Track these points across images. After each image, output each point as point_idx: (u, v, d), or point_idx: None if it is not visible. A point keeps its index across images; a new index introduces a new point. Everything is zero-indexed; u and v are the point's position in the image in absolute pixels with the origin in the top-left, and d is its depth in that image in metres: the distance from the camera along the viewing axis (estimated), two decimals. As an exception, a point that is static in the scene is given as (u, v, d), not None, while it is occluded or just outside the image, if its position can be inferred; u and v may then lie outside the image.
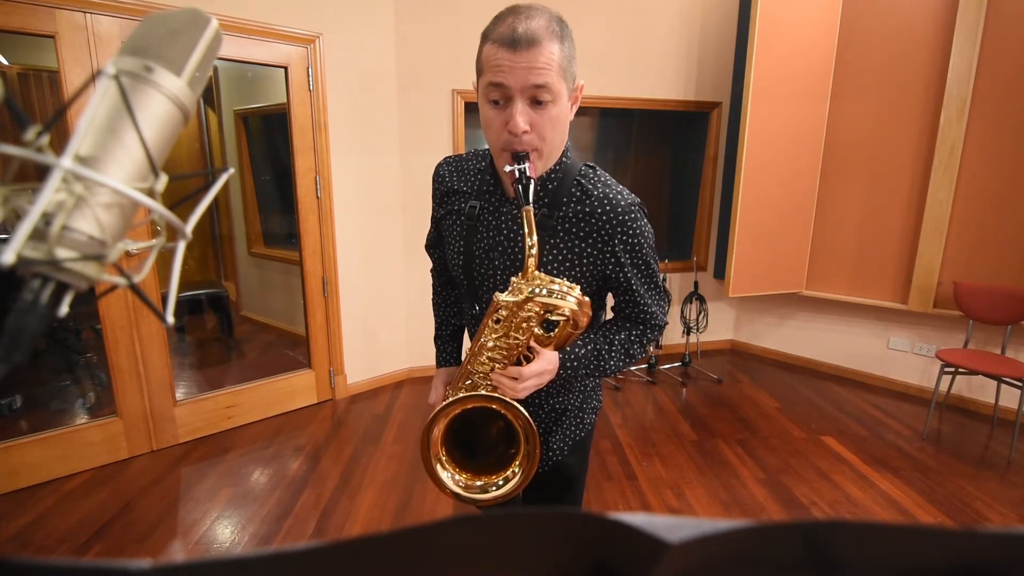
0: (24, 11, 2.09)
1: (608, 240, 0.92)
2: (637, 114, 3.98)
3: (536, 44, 0.78)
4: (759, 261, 3.54)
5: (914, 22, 3.18)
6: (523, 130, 0.82)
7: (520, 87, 0.80)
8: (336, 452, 2.65)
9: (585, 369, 0.98)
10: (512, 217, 0.96)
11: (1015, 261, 2.98)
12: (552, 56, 0.79)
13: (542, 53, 0.78)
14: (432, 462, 0.95)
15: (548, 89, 0.80)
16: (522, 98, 0.81)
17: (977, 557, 0.24)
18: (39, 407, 2.86)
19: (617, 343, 1.00)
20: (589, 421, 1.14)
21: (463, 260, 1.02)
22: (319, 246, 3.08)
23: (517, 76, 0.79)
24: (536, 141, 0.84)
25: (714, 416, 3.09)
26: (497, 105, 0.84)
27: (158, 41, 0.36)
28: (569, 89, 0.85)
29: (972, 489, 2.35)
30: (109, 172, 0.32)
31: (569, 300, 0.82)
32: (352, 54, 3.02)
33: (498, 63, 0.80)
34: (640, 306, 1.00)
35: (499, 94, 0.82)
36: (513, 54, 0.78)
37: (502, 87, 0.81)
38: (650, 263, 0.98)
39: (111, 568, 0.19)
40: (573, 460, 1.15)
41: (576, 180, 0.94)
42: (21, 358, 0.29)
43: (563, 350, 0.95)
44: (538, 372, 0.90)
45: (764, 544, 0.23)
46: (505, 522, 0.22)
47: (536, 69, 0.79)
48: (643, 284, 0.98)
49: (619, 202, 0.91)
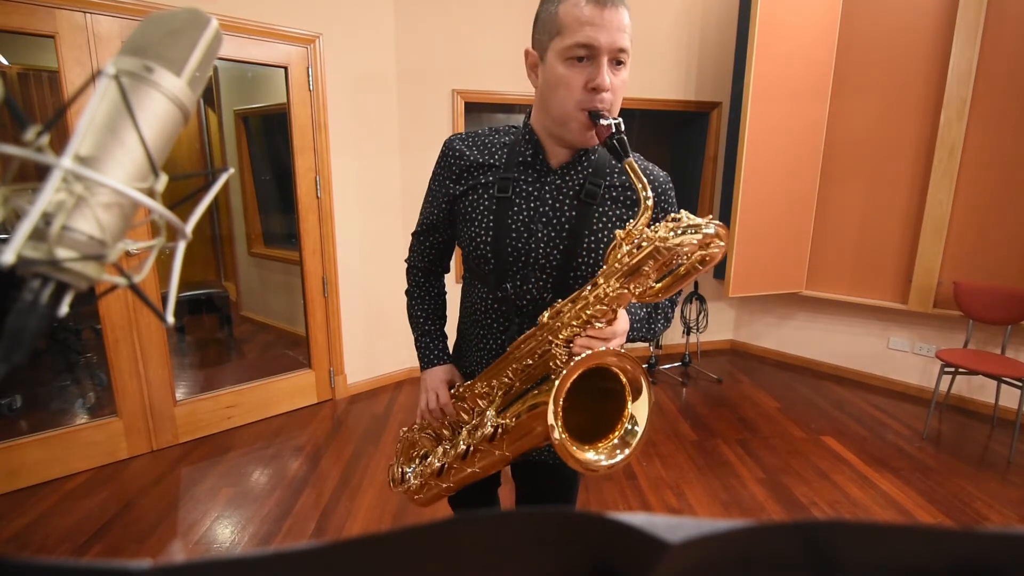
0: (24, 11, 2.09)
1: (655, 210, 0.92)
2: (637, 114, 3.98)
3: (620, 5, 0.81)
4: (759, 261, 3.54)
5: (914, 22, 3.18)
6: (608, 86, 0.83)
7: (609, 46, 0.81)
8: (336, 452, 2.65)
9: (638, 333, 0.97)
10: (556, 187, 0.94)
11: (1015, 261, 2.98)
12: (627, 20, 0.83)
13: (624, 16, 0.82)
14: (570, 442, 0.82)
15: (627, 52, 0.83)
16: (607, 57, 0.82)
17: (977, 557, 0.24)
18: (39, 407, 2.86)
19: (659, 310, 1.02)
20: None
21: (492, 237, 0.96)
22: (319, 246, 3.08)
23: (607, 34, 0.80)
24: (611, 101, 0.85)
25: (714, 416, 3.09)
26: (580, 63, 0.83)
27: (158, 41, 0.36)
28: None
29: (972, 489, 2.35)
30: (109, 172, 0.32)
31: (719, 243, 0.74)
32: (352, 54, 3.02)
33: (589, 20, 0.80)
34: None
35: (586, 52, 0.82)
36: (603, 11, 0.80)
37: (590, 46, 0.81)
38: None
39: (111, 568, 0.19)
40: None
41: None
42: (21, 358, 0.29)
43: (630, 312, 0.92)
44: (615, 333, 0.84)
45: (764, 544, 0.23)
46: (505, 522, 0.22)
47: (622, 30, 0.81)
48: None
49: (659, 174, 0.97)
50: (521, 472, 1.22)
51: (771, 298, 4.03)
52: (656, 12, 3.60)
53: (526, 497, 1.24)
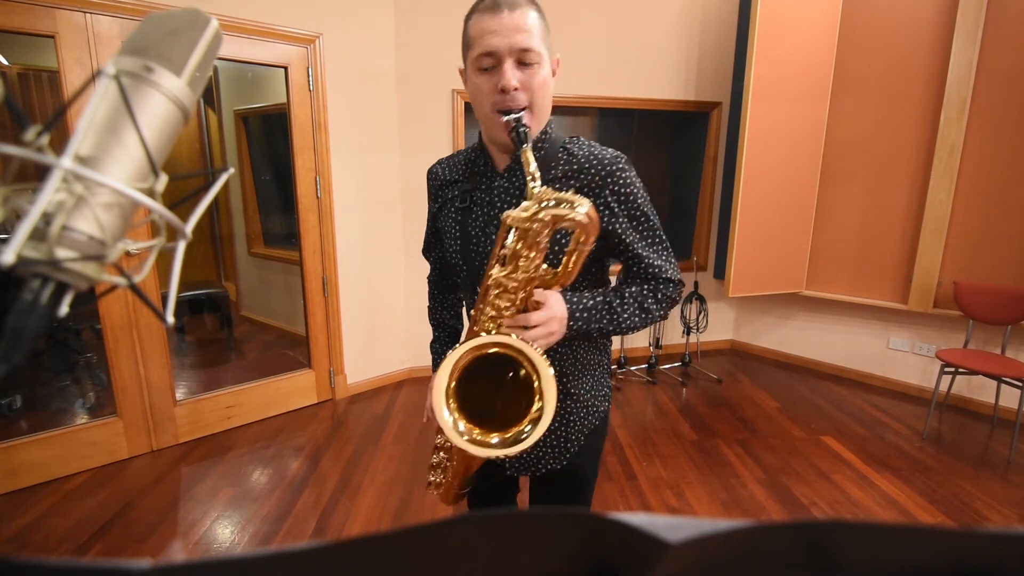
0: (24, 11, 2.09)
1: (599, 192, 0.93)
2: (637, 114, 3.98)
3: (518, 7, 0.84)
4: (759, 261, 3.54)
5: (914, 22, 3.18)
6: (514, 86, 0.86)
7: (508, 48, 0.85)
8: (336, 452, 2.65)
9: (598, 323, 0.94)
10: (505, 189, 0.98)
11: (1015, 261, 2.98)
12: (531, 20, 0.86)
13: (525, 16, 0.85)
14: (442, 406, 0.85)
15: (532, 51, 0.86)
16: (510, 59, 0.86)
17: (977, 557, 0.24)
18: (39, 407, 2.86)
19: (629, 295, 0.97)
20: (602, 408, 1.11)
21: (460, 244, 1.03)
22: (319, 246, 3.08)
23: (504, 38, 0.84)
24: (526, 99, 0.88)
25: (714, 416, 3.09)
26: (486, 72, 0.88)
27: (158, 41, 0.36)
28: (549, 57, 0.91)
29: (972, 489, 2.35)
30: (109, 172, 0.32)
31: (579, 209, 0.78)
32: (352, 54, 3.02)
33: (484, 30, 0.85)
34: (643, 260, 0.97)
35: (490, 60, 0.86)
36: (498, 17, 0.84)
37: (492, 54, 0.85)
38: (648, 213, 0.97)
39: (111, 568, 0.19)
40: (585, 462, 1.12)
41: (563, 146, 0.97)
42: (21, 358, 0.29)
43: (570, 301, 0.92)
44: (546, 319, 0.87)
45: (764, 544, 0.23)
46: (505, 522, 0.22)
47: (522, 32, 0.84)
48: (643, 238, 0.97)
49: (605, 156, 0.94)
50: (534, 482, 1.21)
51: (771, 298, 4.03)
52: (656, 12, 3.60)
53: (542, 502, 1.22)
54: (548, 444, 1.08)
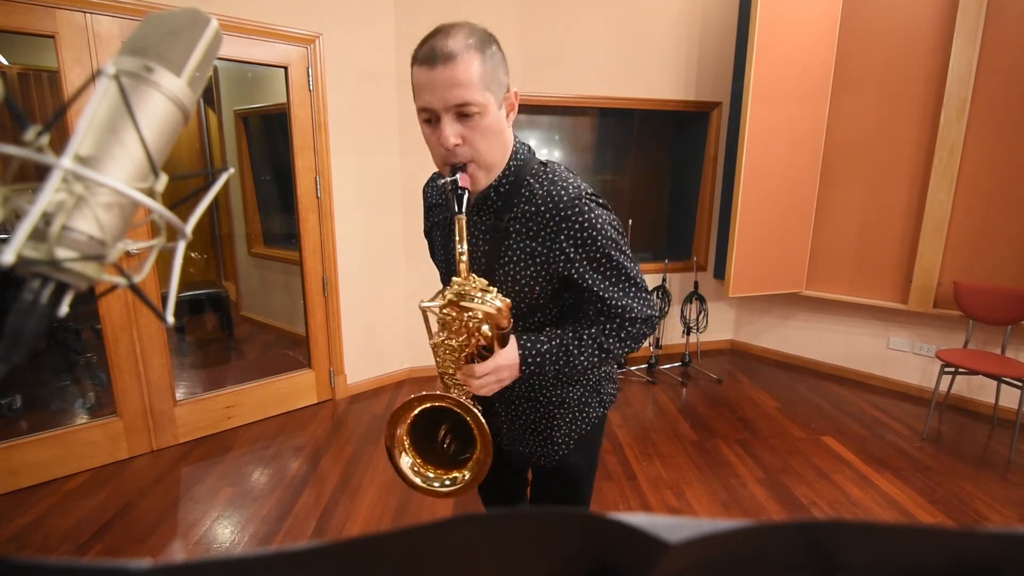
0: (24, 11, 2.09)
1: (555, 238, 0.92)
2: (637, 114, 3.98)
3: (452, 60, 0.80)
4: (759, 261, 3.54)
5: (914, 22, 3.18)
6: (454, 143, 0.85)
7: (443, 105, 0.83)
8: (336, 452, 2.65)
9: (553, 365, 0.96)
10: (473, 223, 1.00)
11: (1015, 261, 2.98)
12: (471, 70, 0.82)
13: (459, 69, 0.81)
14: (395, 446, 0.99)
15: (471, 104, 0.83)
16: (448, 115, 0.84)
17: (977, 557, 0.24)
18: (39, 407, 2.86)
19: (587, 337, 0.97)
20: (595, 415, 1.12)
21: (444, 268, 1.10)
22: (319, 246, 3.08)
23: (438, 95, 0.82)
24: (469, 152, 0.87)
25: (714, 416, 3.09)
26: (430, 123, 0.88)
27: (158, 41, 0.36)
28: (498, 98, 0.88)
29: (972, 489, 2.35)
30: (109, 172, 0.32)
31: (486, 304, 0.83)
32: (352, 54, 3.02)
33: (421, 84, 0.84)
34: (606, 302, 0.96)
35: (428, 115, 0.86)
36: (432, 72, 0.81)
37: (428, 109, 0.85)
38: (611, 254, 0.93)
39: (111, 568, 0.19)
40: (580, 459, 1.14)
41: (527, 180, 0.95)
42: (21, 358, 0.29)
43: (523, 346, 0.94)
44: (493, 369, 0.91)
45: (764, 544, 0.23)
46: (505, 522, 0.22)
47: (456, 86, 0.81)
48: (605, 279, 0.95)
49: (561, 197, 0.91)
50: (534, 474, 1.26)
51: (771, 298, 4.03)
52: (656, 12, 3.60)
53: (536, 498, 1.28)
54: (535, 446, 1.12)
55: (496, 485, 1.28)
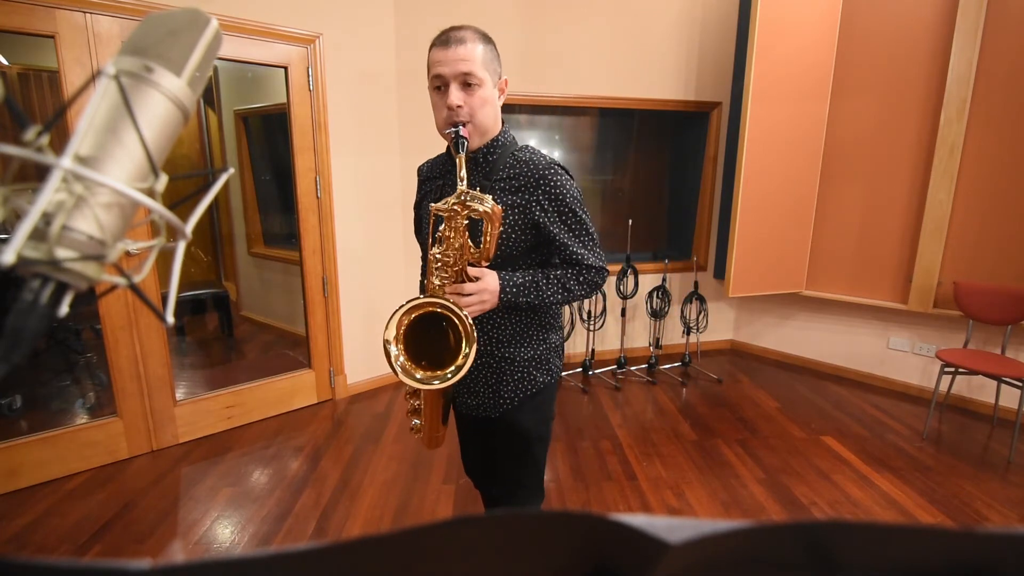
0: (24, 11, 2.09)
1: (533, 191, 1.14)
2: (637, 114, 3.98)
3: (463, 43, 1.08)
4: (759, 261, 3.54)
5: (914, 22, 3.18)
6: (457, 104, 1.09)
7: (452, 74, 1.08)
8: (336, 452, 2.65)
9: (526, 297, 1.16)
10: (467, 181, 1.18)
11: (1015, 261, 2.98)
12: (475, 52, 1.09)
13: (467, 48, 1.08)
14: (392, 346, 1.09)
15: (473, 75, 1.08)
16: (455, 82, 1.09)
17: (977, 557, 0.24)
18: (39, 407, 2.86)
19: (554, 277, 1.19)
20: (541, 380, 1.28)
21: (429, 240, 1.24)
22: (319, 246, 3.08)
23: (449, 66, 1.08)
24: (468, 114, 1.11)
25: (714, 416, 3.09)
26: (439, 91, 1.11)
27: (158, 41, 0.36)
28: (493, 80, 1.14)
29: (972, 489, 2.35)
30: (109, 172, 0.32)
31: (486, 204, 1.01)
32: (352, 54, 3.02)
33: (436, 60, 1.10)
34: (567, 248, 1.18)
35: (439, 82, 1.10)
36: (446, 51, 1.08)
37: (440, 76, 1.09)
38: (575, 211, 1.17)
39: (111, 568, 0.19)
40: (528, 417, 1.29)
41: (512, 153, 1.19)
42: (21, 358, 0.29)
43: (503, 277, 1.14)
44: (478, 290, 1.11)
45: (764, 544, 0.23)
46: (505, 522, 0.22)
47: (463, 60, 1.07)
48: (571, 234, 1.18)
49: (540, 163, 1.16)
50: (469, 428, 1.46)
51: (771, 298, 4.03)
52: (656, 12, 3.60)
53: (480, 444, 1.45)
54: (483, 395, 1.29)
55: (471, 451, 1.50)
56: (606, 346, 3.99)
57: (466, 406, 1.33)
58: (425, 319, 1.07)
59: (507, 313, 1.23)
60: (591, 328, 3.74)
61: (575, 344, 3.88)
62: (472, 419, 1.36)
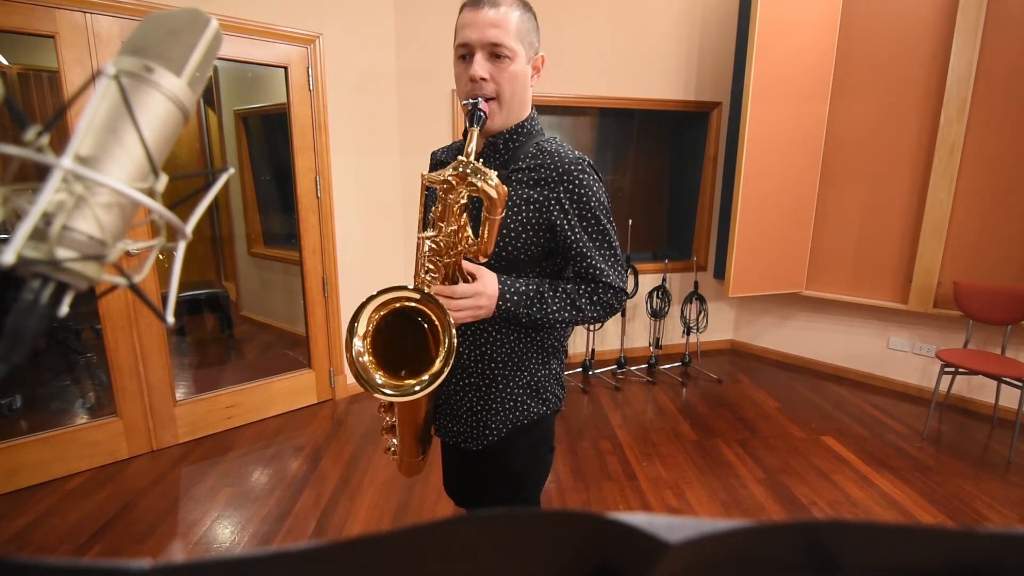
0: (24, 11, 2.09)
1: (554, 187, 0.98)
2: (637, 114, 3.98)
3: (496, 6, 0.91)
4: (759, 261, 3.54)
5: (914, 22, 3.18)
6: (481, 76, 0.92)
7: (479, 41, 0.92)
8: (336, 452, 2.65)
9: (527, 309, 0.97)
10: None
11: (1015, 261, 2.98)
12: (509, 18, 0.92)
13: (500, 13, 0.91)
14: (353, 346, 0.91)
15: (504, 46, 0.92)
16: (482, 52, 0.93)
17: (977, 557, 0.24)
18: (39, 407, 2.86)
19: (562, 291, 1.00)
20: (535, 411, 1.10)
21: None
22: (319, 246, 3.08)
23: (477, 31, 0.91)
24: (494, 89, 0.95)
25: (714, 416, 3.09)
26: (464, 60, 0.95)
27: (158, 41, 0.36)
28: (528, 55, 0.97)
29: (972, 489, 2.35)
30: (109, 172, 0.32)
31: (490, 181, 0.84)
32: (352, 54, 3.02)
33: (464, 24, 0.93)
34: (586, 259, 1.00)
35: (465, 50, 0.94)
36: (476, 12, 0.91)
37: (466, 44, 0.93)
38: (600, 218, 1.00)
39: (111, 568, 0.19)
40: (518, 454, 1.10)
41: (536, 142, 1.03)
42: (21, 358, 0.29)
43: (504, 282, 0.96)
44: (473, 293, 0.91)
45: (764, 544, 0.23)
46: (505, 522, 0.22)
47: (494, 26, 0.91)
48: (590, 239, 1.00)
49: (567, 155, 0.99)
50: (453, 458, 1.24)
51: (771, 298, 4.03)
52: (656, 12, 3.60)
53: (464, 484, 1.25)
54: (467, 425, 1.10)
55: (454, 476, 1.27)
56: (606, 346, 3.99)
57: (447, 432, 1.14)
58: (401, 316, 0.89)
59: (504, 328, 1.04)
60: (591, 328, 3.74)
61: (575, 344, 3.88)
62: (456, 449, 1.15)
